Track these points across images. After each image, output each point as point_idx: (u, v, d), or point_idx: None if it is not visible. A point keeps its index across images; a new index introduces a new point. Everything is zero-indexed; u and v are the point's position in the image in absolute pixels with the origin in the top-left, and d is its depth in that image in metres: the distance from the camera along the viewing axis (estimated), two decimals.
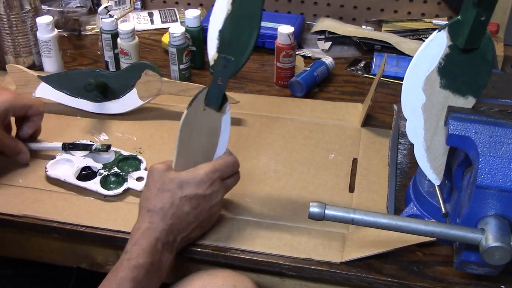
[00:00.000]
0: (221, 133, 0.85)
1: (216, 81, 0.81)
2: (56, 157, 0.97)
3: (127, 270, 0.72)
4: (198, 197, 0.80)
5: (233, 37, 0.79)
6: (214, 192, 0.81)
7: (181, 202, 0.79)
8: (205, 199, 0.81)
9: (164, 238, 0.77)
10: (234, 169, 0.85)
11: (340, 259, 0.82)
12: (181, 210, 0.79)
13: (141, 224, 0.78)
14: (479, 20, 0.70)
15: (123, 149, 0.99)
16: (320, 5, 1.43)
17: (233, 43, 0.79)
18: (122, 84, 1.07)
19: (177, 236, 0.79)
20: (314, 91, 1.18)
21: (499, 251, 0.67)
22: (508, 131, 0.71)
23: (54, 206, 0.90)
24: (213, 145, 0.85)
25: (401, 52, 1.28)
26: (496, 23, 1.28)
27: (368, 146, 1.02)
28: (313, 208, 0.73)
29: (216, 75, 0.81)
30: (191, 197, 0.79)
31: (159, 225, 0.77)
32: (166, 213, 0.78)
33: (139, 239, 0.75)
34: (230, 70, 0.80)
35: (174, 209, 0.78)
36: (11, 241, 0.95)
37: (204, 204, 0.81)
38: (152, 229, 0.77)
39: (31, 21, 1.17)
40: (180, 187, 0.79)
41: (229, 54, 0.79)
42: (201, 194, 0.80)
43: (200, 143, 0.83)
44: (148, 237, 0.76)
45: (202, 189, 0.80)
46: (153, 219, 0.77)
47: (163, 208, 0.78)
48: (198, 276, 0.81)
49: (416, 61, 0.76)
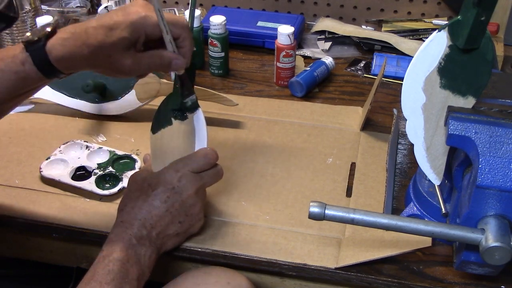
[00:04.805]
0: (196, 133, 0.85)
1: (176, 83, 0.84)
2: (50, 157, 0.97)
3: (102, 264, 0.74)
4: (165, 190, 0.80)
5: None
6: (183, 185, 0.81)
7: (151, 197, 0.80)
8: (174, 192, 0.81)
9: (137, 233, 0.78)
10: (208, 160, 0.83)
11: (335, 264, 0.81)
12: (151, 205, 0.80)
13: (114, 225, 0.79)
14: (479, 20, 0.70)
15: (120, 151, 0.99)
16: (320, 5, 1.43)
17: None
18: (120, 86, 1.07)
19: (152, 231, 0.79)
20: (314, 91, 1.18)
21: (499, 251, 0.67)
22: (508, 131, 0.71)
23: (50, 207, 0.90)
24: (190, 145, 0.85)
25: (401, 52, 1.28)
26: (496, 23, 1.28)
27: (367, 151, 1.02)
28: (313, 208, 0.73)
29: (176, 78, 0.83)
30: (159, 191, 0.80)
31: (130, 222, 0.78)
32: (136, 210, 0.79)
33: (112, 238, 0.77)
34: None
35: (144, 205, 0.80)
36: (11, 241, 0.95)
37: (174, 197, 0.81)
38: (124, 226, 0.78)
39: (31, 21, 1.17)
40: (150, 184, 0.81)
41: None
42: (169, 188, 0.81)
43: (174, 145, 0.84)
44: (120, 234, 0.77)
45: (170, 184, 0.81)
46: (124, 217, 0.79)
47: (133, 207, 0.80)
48: (192, 274, 0.81)
49: (416, 61, 0.76)
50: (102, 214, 0.89)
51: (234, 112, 1.10)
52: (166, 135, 0.84)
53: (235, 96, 1.12)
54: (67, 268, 0.97)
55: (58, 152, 0.98)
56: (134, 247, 0.76)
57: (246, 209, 0.90)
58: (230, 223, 0.88)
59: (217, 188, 0.93)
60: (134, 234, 0.77)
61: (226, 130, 1.07)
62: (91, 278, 0.73)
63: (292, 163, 0.99)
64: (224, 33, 1.19)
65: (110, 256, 0.74)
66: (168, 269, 0.88)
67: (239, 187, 0.95)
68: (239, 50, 1.31)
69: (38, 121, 1.08)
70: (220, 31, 1.18)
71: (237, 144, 1.03)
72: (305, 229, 0.87)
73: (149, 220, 0.79)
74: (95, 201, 0.91)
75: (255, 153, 1.02)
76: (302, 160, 1.00)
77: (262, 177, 0.97)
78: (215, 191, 0.93)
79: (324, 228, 0.87)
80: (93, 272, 0.73)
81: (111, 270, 0.73)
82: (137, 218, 0.79)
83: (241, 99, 1.12)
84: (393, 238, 0.83)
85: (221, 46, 1.19)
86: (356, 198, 0.92)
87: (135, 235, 0.77)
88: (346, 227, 0.87)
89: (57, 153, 0.98)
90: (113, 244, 0.76)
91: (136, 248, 0.77)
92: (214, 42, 1.19)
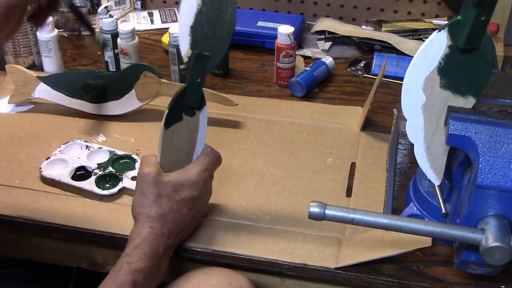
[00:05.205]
0: (199, 130, 0.84)
1: (194, 78, 0.79)
2: (50, 157, 0.97)
3: (127, 273, 0.72)
4: (194, 198, 0.81)
5: (207, 33, 0.76)
6: (207, 192, 0.83)
7: (179, 205, 0.79)
8: (200, 199, 0.82)
9: (165, 243, 0.77)
10: (219, 165, 0.85)
11: (335, 264, 0.81)
12: (179, 213, 0.79)
13: (141, 229, 0.77)
14: (479, 20, 0.70)
15: (120, 150, 0.99)
16: (320, 5, 1.43)
17: (208, 39, 0.77)
18: (120, 86, 1.07)
19: (175, 239, 0.80)
20: (314, 91, 1.18)
21: (499, 251, 0.67)
22: (508, 131, 0.71)
23: (50, 207, 0.90)
24: (193, 142, 0.84)
25: (401, 52, 1.28)
26: (496, 23, 1.28)
27: (367, 151, 1.02)
28: (313, 208, 0.73)
29: (194, 73, 0.78)
30: (188, 199, 0.80)
31: (160, 230, 0.77)
32: (166, 218, 0.78)
33: (141, 243, 0.75)
34: (207, 66, 0.78)
35: (173, 214, 0.79)
36: (11, 241, 0.95)
37: (198, 204, 0.82)
38: (154, 234, 0.76)
39: None
40: (176, 190, 0.79)
41: (204, 50, 0.77)
42: (196, 195, 0.81)
43: (181, 142, 0.83)
44: (150, 242, 0.76)
45: (197, 190, 0.81)
46: (154, 224, 0.77)
47: (163, 214, 0.78)
48: (193, 275, 0.81)
49: (416, 61, 0.76)
50: (102, 214, 0.89)
51: (234, 112, 1.10)
52: (176, 131, 0.82)
53: (235, 96, 1.12)
54: (67, 268, 0.97)
55: (58, 152, 0.98)
56: (159, 258, 0.76)
57: (246, 209, 0.90)
58: (230, 223, 0.88)
59: (217, 188, 0.93)
60: (162, 244, 0.77)
61: (226, 130, 1.07)
62: (113, 284, 0.71)
63: (292, 163, 0.99)
64: None
65: (135, 265, 0.73)
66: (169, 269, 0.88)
67: (239, 187, 0.95)
68: (239, 50, 1.31)
69: (38, 121, 1.08)
70: None
71: (237, 144, 1.03)
72: (305, 229, 0.87)
73: (176, 228, 0.79)
74: (95, 201, 0.91)
75: (255, 153, 1.02)
76: (302, 160, 1.00)
77: (262, 177, 0.97)
78: (215, 191, 0.93)
79: (324, 228, 0.87)
80: (115, 278, 0.72)
81: (135, 281, 0.72)
82: (167, 227, 0.78)
83: (241, 99, 1.12)
84: (393, 238, 0.83)
85: None
86: (356, 198, 0.92)
87: (163, 246, 0.77)
88: (346, 227, 0.87)
89: (57, 153, 0.98)
90: (141, 251, 0.74)
91: (160, 259, 0.76)
92: None
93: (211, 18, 0.76)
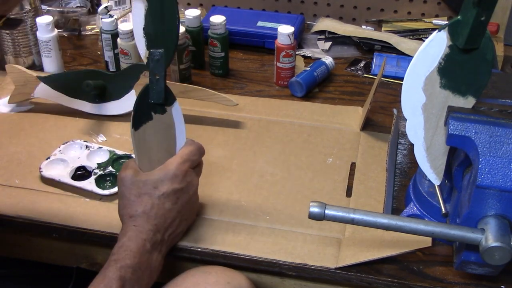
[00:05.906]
0: (176, 125, 0.84)
1: (154, 76, 0.81)
2: (50, 157, 0.97)
3: (114, 270, 0.73)
4: (175, 191, 0.80)
5: (157, 29, 0.79)
6: (189, 183, 0.82)
7: (161, 200, 0.79)
8: (183, 192, 0.81)
9: (152, 238, 0.77)
10: (201, 155, 0.85)
11: (335, 264, 0.81)
12: (162, 208, 0.79)
13: (126, 229, 0.78)
14: (479, 20, 0.70)
15: (120, 150, 0.99)
16: (320, 5, 1.43)
17: (158, 36, 0.79)
18: (120, 86, 1.07)
19: (165, 234, 0.79)
20: (314, 91, 1.18)
21: (499, 251, 0.67)
22: (508, 131, 0.71)
23: (50, 207, 0.90)
24: (171, 138, 0.84)
25: (401, 52, 1.28)
26: (496, 23, 1.28)
27: (367, 151, 1.02)
28: (313, 208, 0.73)
29: (152, 71, 0.81)
30: (169, 193, 0.80)
31: (144, 227, 0.77)
32: (149, 214, 0.78)
33: (125, 242, 0.76)
34: (162, 62, 0.80)
35: (156, 209, 0.79)
36: (11, 241, 0.95)
37: (183, 197, 0.81)
38: (138, 231, 0.77)
39: (31, 21, 1.17)
40: (156, 187, 0.80)
41: (158, 47, 0.79)
42: (178, 188, 0.80)
43: (157, 140, 0.83)
44: (135, 239, 0.76)
45: (177, 183, 0.80)
46: (137, 222, 0.78)
47: (145, 211, 0.78)
48: (192, 274, 0.81)
49: (416, 61, 0.76)
50: (102, 214, 0.89)
51: (234, 112, 1.10)
52: (148, 130, 0.83)
53: (235, 96, 1.12)
54: (67, 268, 0.97)
55: (58, 152, 0.98)
56: (147, 253, 0.76)
57: (246, 209, 0.90)
58: (230, 223, 0.88)
59: (217, 188, 0.93)
60: (149, 239, 0.77)
61: (226, 130, 1.07)
62: (101, 282, 0.72)
63: (292, 163, 0.99)
64: (224, 33, 1.19)
65: (122, 262, 0.73)
66: (168, 269, 0.88)
67: (239, 187, 0.95)
68: (239, 50, 1.31)
69: (38, 121, 1.08)
70: (220, 31, 1.18)
71: (237, 144, 1.03)
72: (305, 229, 0.87)
73: (162, 224, 0.79)
74: (95, 201, 0.91)
75: (255, 153, 1.02)
76: (302, 160, 1.00)
77: (262, 177, 0.97)
78: (215, 191, 0.93)
79: (324, 228, 0.87)
80: (103, 277, 0.72)
81: (122, 277, 0.72)
82: (151, 223, 0.78)
83: (241, 99, 1.12)
84: (393, 238, 0.83)
85: (221, 46, 1.19)
86: (356, 198, 0.92)
87: (150, 240, 0.77)
88: (346, 227, 0.87)
89: (57, 153, 0.98)
90: (126, 248, 0.75)
91: (149, 254, 0.76)
92: (214, 42, 1.19)
93: (156, 12, 0.78)
